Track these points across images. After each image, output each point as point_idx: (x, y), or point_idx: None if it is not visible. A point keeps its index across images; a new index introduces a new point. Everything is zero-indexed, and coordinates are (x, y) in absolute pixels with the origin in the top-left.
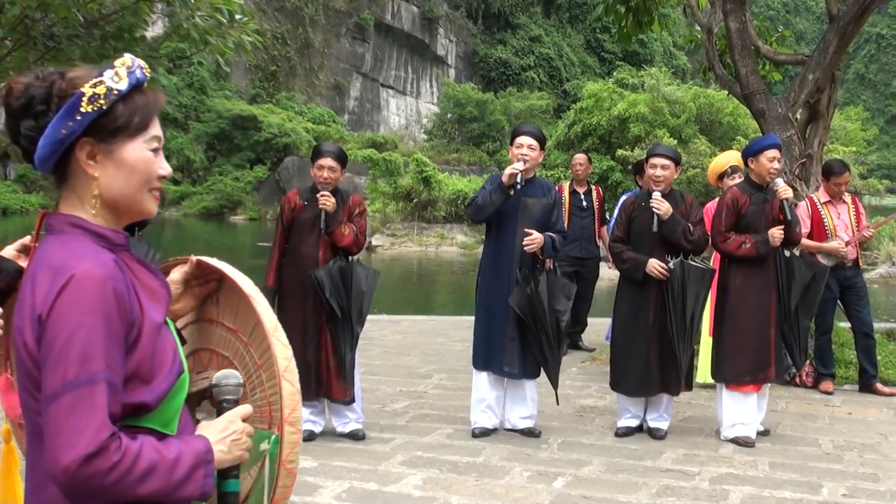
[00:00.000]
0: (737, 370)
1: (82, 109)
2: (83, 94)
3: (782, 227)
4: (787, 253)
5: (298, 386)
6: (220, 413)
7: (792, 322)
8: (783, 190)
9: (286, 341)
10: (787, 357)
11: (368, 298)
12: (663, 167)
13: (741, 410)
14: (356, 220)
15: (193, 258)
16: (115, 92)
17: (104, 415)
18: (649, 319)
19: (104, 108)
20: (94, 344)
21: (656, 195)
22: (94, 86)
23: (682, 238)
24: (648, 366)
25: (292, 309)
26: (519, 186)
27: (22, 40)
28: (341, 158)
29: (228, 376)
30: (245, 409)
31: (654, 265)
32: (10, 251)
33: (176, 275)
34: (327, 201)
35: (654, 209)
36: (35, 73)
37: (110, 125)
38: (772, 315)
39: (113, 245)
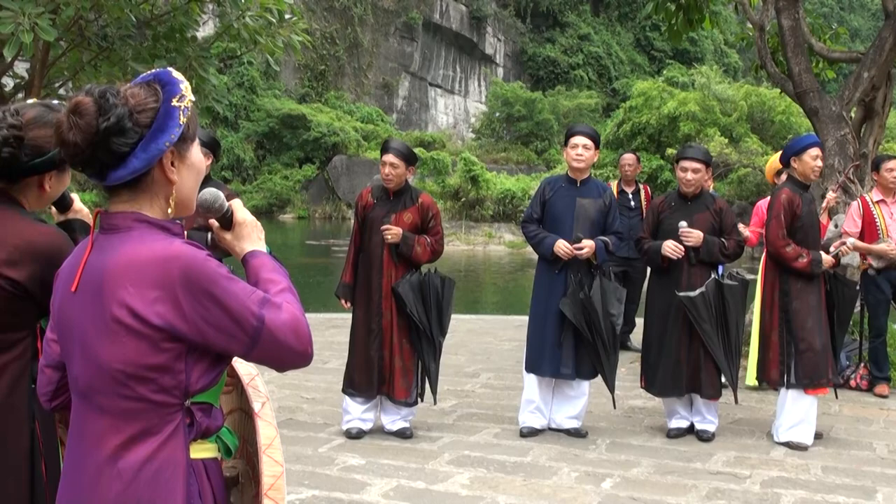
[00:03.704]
0: (813, 372)
1: (181, 122)
2: (178, 108)
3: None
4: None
5: None
6: (228, 222)
7: (835, 333)
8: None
9: (279, 457)
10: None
11: (448, 309)
12: (694, 171)
13: (807, 411)
14: (431, 226)
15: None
16: (192, 103)
17: (298, 303)
18: (680, 319)
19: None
20: (239, 281)
21: (682, 225)
22: (180, 99)
23: (720, 256)
24: (679, 366)
25: (359, 306)
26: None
27: (76, 41)
28: (405, 155)
29: (212, 200)
30: (237, 202)
31: (670, 246)
32: None
33: None
34: (395, 236)
35: (684, 241)
36: (104, 92)
37: (186, 133)
38: (825, 315)
39: (174, 234)
